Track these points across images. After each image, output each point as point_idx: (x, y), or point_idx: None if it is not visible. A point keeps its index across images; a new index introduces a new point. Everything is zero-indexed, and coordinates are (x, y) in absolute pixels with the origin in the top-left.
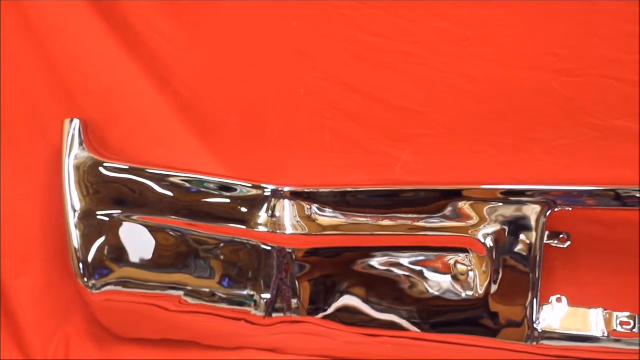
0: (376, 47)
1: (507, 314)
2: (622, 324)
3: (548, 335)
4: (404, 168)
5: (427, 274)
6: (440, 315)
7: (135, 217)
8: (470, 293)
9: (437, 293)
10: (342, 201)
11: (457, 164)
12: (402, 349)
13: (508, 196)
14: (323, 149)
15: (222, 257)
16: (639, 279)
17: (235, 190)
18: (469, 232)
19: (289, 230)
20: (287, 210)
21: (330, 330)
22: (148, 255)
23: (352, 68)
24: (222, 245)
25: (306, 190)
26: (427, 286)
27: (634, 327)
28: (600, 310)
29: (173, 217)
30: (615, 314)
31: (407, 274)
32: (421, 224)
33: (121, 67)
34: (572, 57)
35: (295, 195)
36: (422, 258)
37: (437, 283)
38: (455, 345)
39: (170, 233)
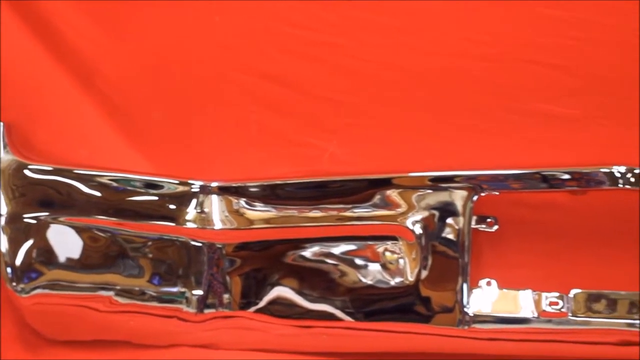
0: (300, 38)
1: (439, 300)
2: (551, 304)
3: (479, 318)
4: (331, 159)
5: (358, 263)
6: (373, 304)
7: (62, 219)
8: (401, 280)
9: (368, 282)
10: (271, 194)
11: (383, 153)
12: (336, 339)
13: (435, 183)
14: (250, 143)
15: (151, 255)
16: (568, 260)
17: (162, 187)
18: (398, 220)
19: (218, 225)
20: (215, 206)
21: (263, 323)
22: (77, 256)
23: (276, 61)
24: (150, 243)
25: (234, 185)
26: (358, 275)
27: (562, 306)
28: (529, 291)
29: (101, 217)
30: (544, 294)
31: (338, 263)
32: (350, 213)
33: (43, 68)
34: (492, 43)
35: (223, 190)
36: (352, 247)
37: (368, 272)
38: (389, 333)
39: (99, 233)
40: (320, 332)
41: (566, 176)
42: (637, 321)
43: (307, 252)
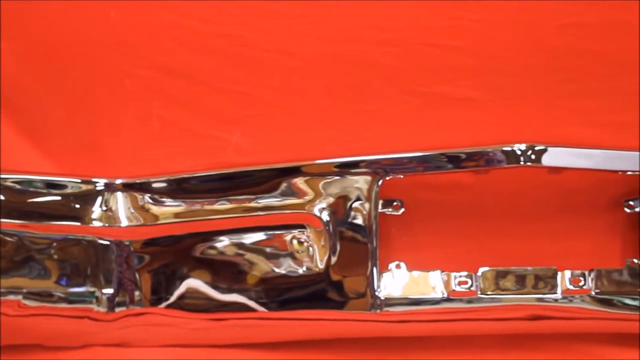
0: (199, 31)
1: (350, 285)
2: (460, 283)
3: (390, 301)
4: (235, 150)
5: (268, 252)
6: (285, 293)
7: None
8: (311, 268)
9: (279, 271)
10: (176, 188)
11: (287, 142)
12: (250, 330)
13: (341, 169)
14: (153, 138)
15: (57, 256)
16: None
17: (66, 187)
18: (305, 208)
19: (125, 222)
20: (120, 203)
21: (175, 318)
22: None
23: (176, 54)
24: (56, 244)
25: (138, 181)
26: (269, 265)
27: (471, 285)
28: (438, 272)
29: (5, 220)
30: (452, 274)
31: (248, 254)
32: (257, 204)
33: None
34: (392, 28)
35: (127, 187)
36: (261, 238)
37: (279, 261)
38: (302, 321)
39: (3, 236)
40: (234, 324)
41: (468, 156)
42: (546, 295)
43: (216, 245)
